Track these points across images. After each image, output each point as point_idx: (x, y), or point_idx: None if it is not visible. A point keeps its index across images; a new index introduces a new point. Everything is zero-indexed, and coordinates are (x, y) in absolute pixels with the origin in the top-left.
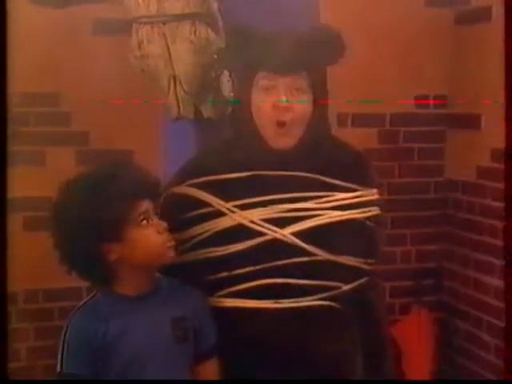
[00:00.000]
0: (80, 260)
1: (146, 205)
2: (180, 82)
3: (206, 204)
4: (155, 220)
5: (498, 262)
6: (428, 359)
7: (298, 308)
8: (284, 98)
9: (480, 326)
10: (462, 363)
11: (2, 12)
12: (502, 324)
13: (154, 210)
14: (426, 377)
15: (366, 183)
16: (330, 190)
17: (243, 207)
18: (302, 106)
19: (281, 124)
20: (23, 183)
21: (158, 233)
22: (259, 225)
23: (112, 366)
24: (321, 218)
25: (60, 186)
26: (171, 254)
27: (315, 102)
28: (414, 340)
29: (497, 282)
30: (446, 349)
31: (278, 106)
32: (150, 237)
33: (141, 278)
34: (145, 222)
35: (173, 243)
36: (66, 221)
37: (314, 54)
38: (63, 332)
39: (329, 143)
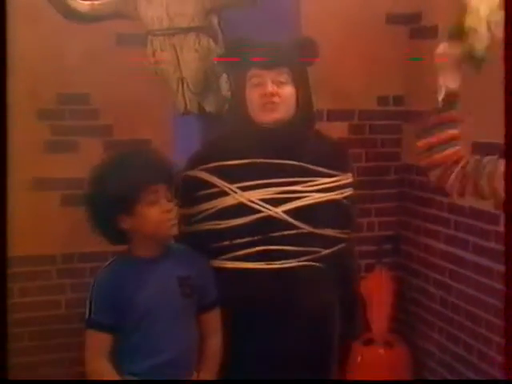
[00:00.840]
0: (103, 226)
1: (155, 188)
2: (187, 83)
3: (213, 185)
4: (163, 201)
5: (444, 230)
6: (387, 308)
7: (287, 268)
8: (270, 87)
9: (428, 281)
10: (414, 311)
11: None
12: (445, 279)
13: (165, 193)
14: (385, 323)
15: (343, 169)
16: (314, 176)
17: (244, 189)
18: (285, 91)
19: (268, 104)
20: (61, 167)
21: (163, 212)
22: (256, 203)
23: (129, 316)
24: (306, 198)
25: (91, 169)
26: (172, 230)
27: (297, 91)
28: (376, 293)
29: (442, 246)
30: (402, 300)
31: (266, 93)
32: (155, 215)
33: (151, 244)
34: (153, 202)
35: (175, 221)
36: (92, 196)
37: (294, 55)
38: (91, 287)
39: (314, 135)
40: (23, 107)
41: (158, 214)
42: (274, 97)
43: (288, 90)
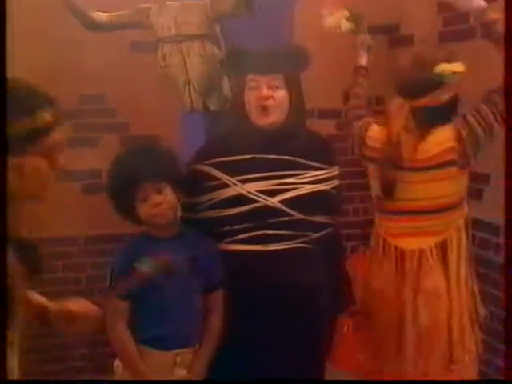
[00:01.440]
0: (118, 212)
1: (143, 186)
2: (193, 85)
3: (216, 178)
4: (151, 196)
5: None
6: None
7: (281, 249)
8: (265, 91)
9: None
10: None
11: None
12: None
13: (154, 188)
14: None
15: (331, 163)
16: (305, 169)
17: (243, 181)
18: (279, 95)
19: (263, 107)
20: (82, 160)
21: (152, 207)
22: (254, 194)
23: (142, 289)
24: (299, 189)
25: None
26: (163, 220)
27: (290, 95)
28: (360, 271)
29: None
30: None
31: (261, 96)
32: (145, 209)
33: (159, 228)
34: (143, 198)
35: (163, 210)
36: (109, 185)
37: (287, 61)
38: (112, 262)
39: (305, 133)
40: None
41: (148, 208)
42: (268, 100)
43: (281, 94)
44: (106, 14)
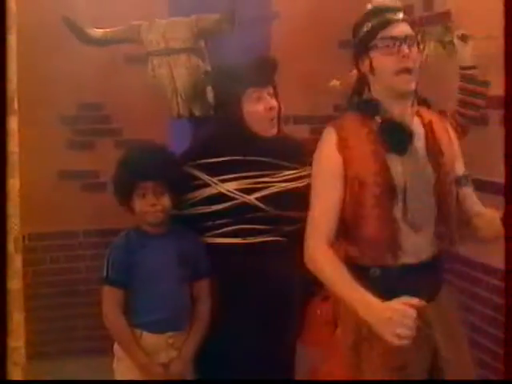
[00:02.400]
0: (119, 196)
1: (144, 184)
2: (180, 93)
3: (199, 178)
4: (149, 196)
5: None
6: None
7: (258, 242)
8: (273, 102)
9: None
10: None
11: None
12: None
13: (153, 188)
14: None
15: (304, 163)
16: (281, 169)
17: (223, 181)
18: (277, 106)
19: (271, 120)
20: (80, 161)
21: (147, 205)
22: (233, 193)
23: (136, 277)
24: (274, 187)
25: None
26: (156, 219)
27: (279, 104)
28: None
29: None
30: None
31: (271, 107)
32: (141, 207)
33: (152, 224)
34: (141, 195)
35: (159, 212)
36: (116, 172)
37: (273, 73)
38: (107, 253)
39: (281, 137)
40: (49, 115)
41: (144, 206)
42: (273, 111)
43: (276, 104)
44: (102, 30)
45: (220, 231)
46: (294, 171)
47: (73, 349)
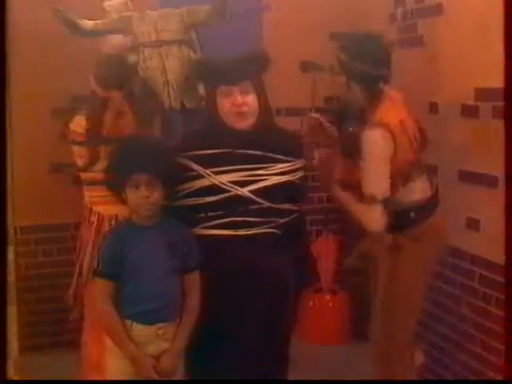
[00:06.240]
0: (111, 188)
1: (137, 176)
2: (171, 85)
3: (192, 170)
4: (142, 188)
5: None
6: (333, 264)
7: (251, 234)
8: (239, 98)
9: None
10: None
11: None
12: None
13: (146, 181)
14: (331, 276)
15: (297, 156)
16: (274, 162)
17: (216, 173)
18: (250, 99)
19: (240, 114)
20: (71, 154)
21: (140, 198)
22: (226, 185)
23: (126, 270)
24: (267, 180)
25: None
26: (148, 212)
27: (259, 98)
28: (324, 252)
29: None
30: (343, 255)
31: (236, 104)
32: (134, 199)
33: (143, 216)
34: (135, 187)
35: (151, 206)
36: (109, 162)
37: (252, 67)
38: (99, 245)
39: (273, 130)
40: (41, 107)
41: (136, 198)
42: (243, 106)
43: (252, 98)
44: (92, 21)
45: (212, 223)
46: (288, 164)
47: (65, 341)
